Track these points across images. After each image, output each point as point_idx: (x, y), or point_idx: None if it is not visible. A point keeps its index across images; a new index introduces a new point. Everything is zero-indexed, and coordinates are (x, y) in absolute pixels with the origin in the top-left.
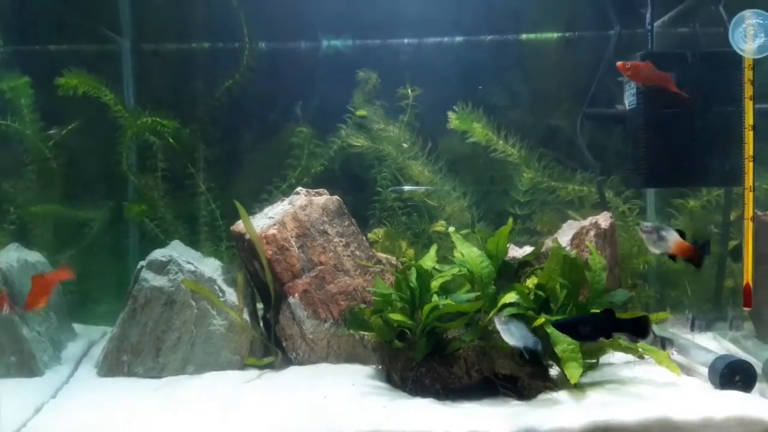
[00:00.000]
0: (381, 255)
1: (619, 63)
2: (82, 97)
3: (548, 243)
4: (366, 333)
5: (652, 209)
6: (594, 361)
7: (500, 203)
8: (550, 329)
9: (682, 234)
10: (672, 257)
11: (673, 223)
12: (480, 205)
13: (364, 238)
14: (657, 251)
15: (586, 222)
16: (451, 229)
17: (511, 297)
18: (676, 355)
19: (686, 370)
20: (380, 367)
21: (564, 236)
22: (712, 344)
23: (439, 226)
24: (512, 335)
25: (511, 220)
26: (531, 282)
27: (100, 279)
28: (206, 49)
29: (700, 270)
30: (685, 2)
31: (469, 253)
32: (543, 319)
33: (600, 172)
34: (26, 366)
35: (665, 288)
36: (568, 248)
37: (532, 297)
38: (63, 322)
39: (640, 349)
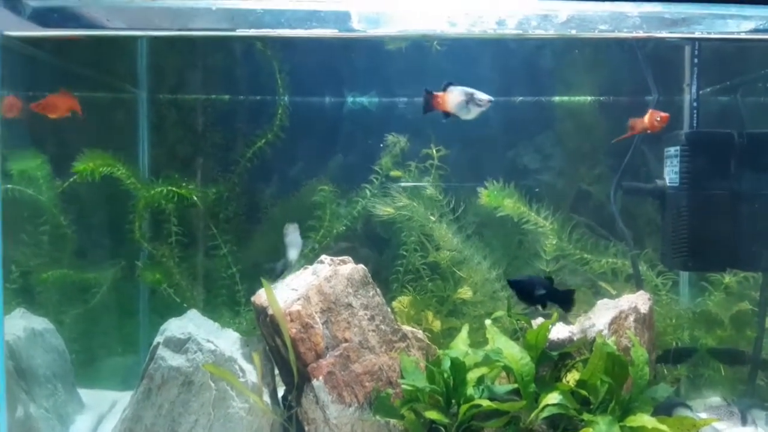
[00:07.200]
0: (406, 328)
1: None
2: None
3: (584, 323)
4: (392, 419)
5: (685, 283)
6: None
7: (527, 269)
8: None
9: None
10: None
11: (707, 298)
12: (507, 270)
13: (389, 309)
14: None
15: (625, 305)
16: (488, 321)
17: (554, 398)
18: None
19: None
20: None
21: (601, 318)
22: None
23: (464, 293)
24: None
25: (555, 315)
26: (572, 377)
27: (107, 338)
28: (226, 101)
29: None
30: (731, 79)
31: (507, 348)
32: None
33: (633, 244)
34: None
35: (698, 367)
36: (605, 332)
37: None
38: (70, 392)
39: None
